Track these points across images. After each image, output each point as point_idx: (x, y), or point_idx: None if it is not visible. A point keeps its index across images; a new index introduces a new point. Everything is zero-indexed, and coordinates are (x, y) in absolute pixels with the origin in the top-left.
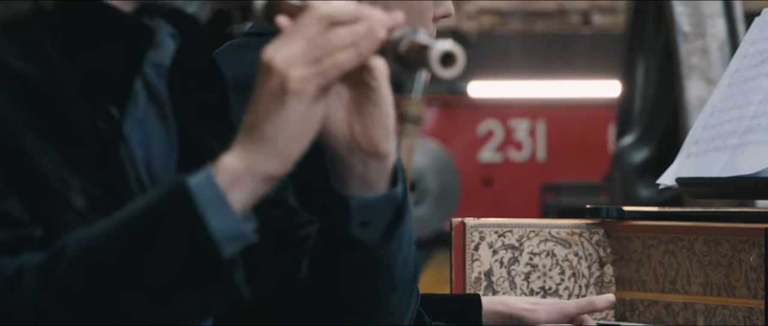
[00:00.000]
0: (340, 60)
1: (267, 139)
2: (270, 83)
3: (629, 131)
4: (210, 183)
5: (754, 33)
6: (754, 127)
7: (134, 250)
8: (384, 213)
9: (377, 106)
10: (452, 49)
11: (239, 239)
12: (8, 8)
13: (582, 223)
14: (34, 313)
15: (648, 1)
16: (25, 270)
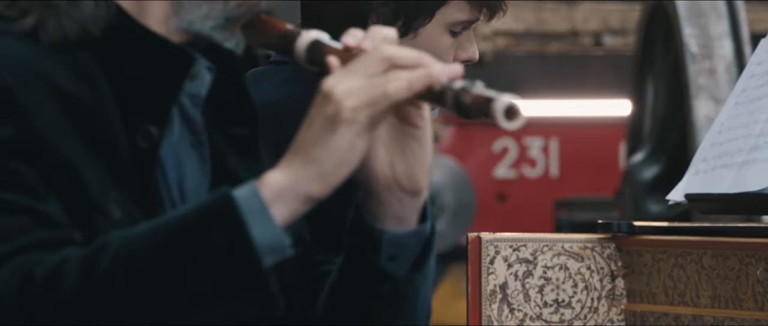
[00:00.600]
0: (392, 91)
1: (314, 161)
2: (325, 110)
3: (639, 149)
4: (254, 196)
5: (760, 54)
6: (761, 145)
7: (177, 253)
8: (412, 248)
9: (422, 144)
10: (515, 104)
11: (279, 251)
12: (59, 31)
13: (594, 238)
14: (73, 305)
15: (657, 24)
16: (68, 263)
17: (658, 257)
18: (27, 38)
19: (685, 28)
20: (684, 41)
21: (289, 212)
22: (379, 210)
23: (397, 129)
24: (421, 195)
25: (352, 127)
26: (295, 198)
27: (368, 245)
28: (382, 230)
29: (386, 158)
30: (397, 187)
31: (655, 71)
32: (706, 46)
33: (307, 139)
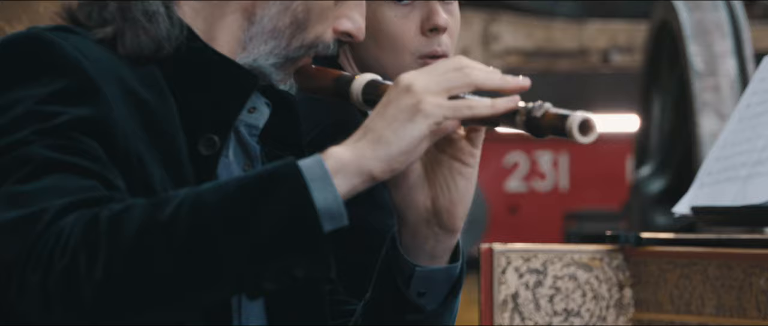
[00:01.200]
0: (475, 104)
1: (384, 143)
2: (405, 99)
3: (646, 163)
4: (318, 164)
5: (763, 71)
6: (764, 159)
7: (241, 206)
8: (441, 287)
9: (468, 181)
10: (589, 118)
11: (337, 218)
12: (135, 45)
13: (602, 249)
14: (135, 244)
15: (663, 42)
16: (134, 207)
17: (665, 267)
18: (105, 46)
19: (690, 46)
20: (689, 59)
21: (349, 185)
22: (413, 244)
23: (445, 165)
24: (456, 234)
25: (428, 119)
26: (357, 173)
27: (400, 277)
28: (414, 264)
29: (430, 192)
30: (435, 222)
31: (661, 88)
32: (710, 63)
33: (379, 123)
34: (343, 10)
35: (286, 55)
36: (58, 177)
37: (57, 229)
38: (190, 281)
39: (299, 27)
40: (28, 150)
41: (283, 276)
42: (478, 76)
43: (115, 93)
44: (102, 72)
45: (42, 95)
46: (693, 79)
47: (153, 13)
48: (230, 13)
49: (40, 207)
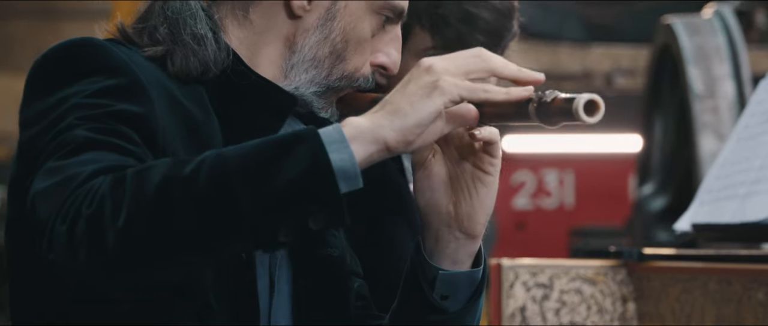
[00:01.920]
0: (491, 88)
1: (401, 115)
2: (425, 77)
3: (648, 181)
4: (337, 130)
5: (760, 93)
6: (761, 178)
7: (261, 161)
8: (464, 290)
9: (489, 189)
10: (595, 98)
11: (352, 179)
12: (184, 66)
13: (606, 264)
14: (156, 194)
15: (665, 65)
16: (160, 164)
17: (667, 282)
18: (154, 61)
19: (690, 69)
20: (689, 82)
21: (365, 151)
22: (436, 248)
23: (467, 172)
24: (477, 239)
25: (445, 96)
26: (373, 140)
27: (424, 281)
28: (438, 268)
29: (452, 197)
30: (456, 227)
31: (663, 109)
32: (710, 86)
33: (398, 97)
34: (379, 44)
35: (327, 85)
36: (97, 153)
37: (88, 187)
38: (208, 230)
39: (338, 57)
40: (73, 132)
41: (299, 228)
42: (497, 63)
43: (161, 98)
44: (150, 79)
45: (91, 90)
46: (693, 101)
47: (201, 37)
48: (272, 42)
49: (74, 172)
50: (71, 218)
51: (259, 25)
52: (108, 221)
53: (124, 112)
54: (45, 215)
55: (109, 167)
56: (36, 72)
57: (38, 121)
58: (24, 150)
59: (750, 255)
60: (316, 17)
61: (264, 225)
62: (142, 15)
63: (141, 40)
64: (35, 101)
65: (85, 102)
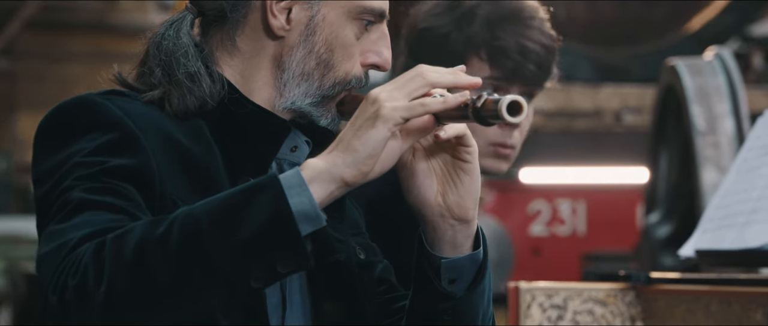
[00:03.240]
0: (428, 101)
1: (351, 150)
2: (369, 109)
3: (655, 210)
4: (296, 174)
5: (758, 129)
6: (759, 208)
7: (226, 214)
8: (468, 271)
9: (471, 175)
10: (518, 99)
11: (313, 219)
12: (181, 104)
13: (616, 287)
14: (135, 259)
15: (669, 104)
16: (136, 227)
17: (672, 303)
18: (152, 105)
19: (692, 107)
20: (692, 119)
21: (325, 191)
22: (435, 237)
23: (449, 163)
24: (471, 222)
25: (387, 124)
26: (331, 180)
27: (430, 270)
28: (440, 257)
29: (439, 189)
30: (449, 215)
31: (668, 144)
32: (711, 123)
33: (348, 133)
34: (367, 44)
35: (321, 94)
36: (89, 214)
37: (74, 256)
38: (184, 285)
39: (326, 66)
40: (71, 194)
41: (269, 273)
42: (434, 77)
43: (156, 144)
44: (144, 127)
45: (89, 149)
46: (695, 136)
47: (195, 74)
48: (263, 65)
49: (66, 239)
50: (61, 288)
51: (247, 51)
52: (92, 289)
53: (119, 167)
54: (44, 281)
55: (97, 232)
56: (41, 133)
57: (45, 180)
58: (37, 206)
59: (749, 279)
60: (297, 34)
61: (235, 275)
62: (141, 59)
63: (141, 84)
64: (42, 160)
65: (84, 160)
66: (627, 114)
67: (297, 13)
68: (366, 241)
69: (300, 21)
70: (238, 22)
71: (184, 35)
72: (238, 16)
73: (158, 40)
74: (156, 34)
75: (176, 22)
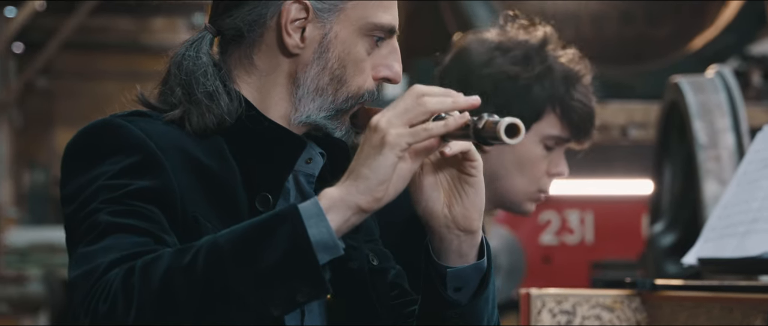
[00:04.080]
0: (430, 126)
1: (362, 178)
2: (374, 138)
3: (659, 220)
4: (314, 204)
5: (757, 144)
6: (759, 218)
7: (249, 244)
8: (473, 280)
9: (476, 188)
10: (516, 121)
11: (331, 249)
12: (200, 123)
13: (623, 294)
14: (162, 287)
15: (673, 119)
16: (163, 255)
17: (676, 309)
18: (173, 125)
19: (695, 122)
20: (694, 134)
21: (342, 219)
22: (442, 247)
23: (455, 177)
24: (476, 233)
25: (394, 149)
26: (346, 208)
27: (437, 279)
28: (446, 266)
29: (445, 201)
30: (454, 226)
31: (672, 158)
32: (712, 137)
33: (358, 162)
34: (378, 59)
35: (335, 108)
36: (116, 237)
37: (104, 281)
38: (208, 312)
39: (339, 81)
40: (97, 217)
41: (288, 302)
42: (432, 104)
43: (177, 164)
44: (165, 147)
45: (113, 171)
46: (698, 150)
47: (213, 92)
48: (279, 82)
49: (96, 264)
50: (92, 313)
51: (263, 68)
52: (121, 315)
53: (142, 189)
54: (76, 304)
55: (124, 257)
56: (68, 155)
57: (73, 201)
58: (65, 225)
59: (749, 285)
60: (311, 52)
61: (257, 303)
62: (163, 78)
63: (162, 104)
64: (69, 181)
65: (108, 183)
66: (633, 129)
67: (310, 32)
68: (379, 248)
69: (314, 39)
70: (255, 41)
71: (203, 55)
72: (254, 35)
73: (179, 59)
74: (177, 53)
75: (196, 41)
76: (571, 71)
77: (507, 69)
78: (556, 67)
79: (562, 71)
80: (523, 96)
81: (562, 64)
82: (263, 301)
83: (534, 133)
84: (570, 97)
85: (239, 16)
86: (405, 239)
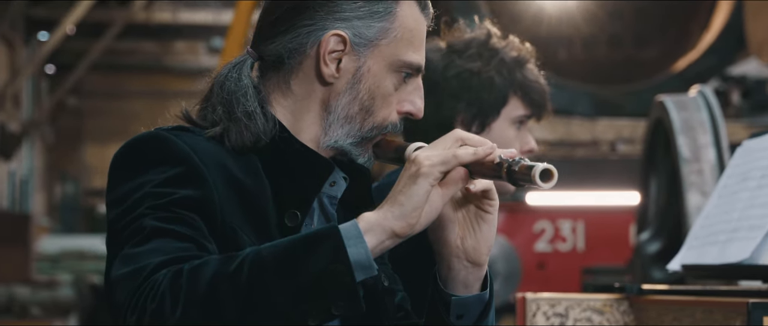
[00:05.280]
0: (460, 153)
1: (399, 204)
2: (411, 168)
3: (645, 229)
4: (353, 226)
5: (736, 158)
6: (738, 228)
7: (291, 259)
8: (475, 309)
9: (489, 225)
10: (550, 167)
11: (367, 269)
12: (239, 140)
13: (612, 297)
14: (207, 291)
15: (658, 135)
16: (210, 261)
17: (661, 312)
18: (214, 140)
19: (679, 138)
20: (678, 149)
21: (377, 241)
22: (449, 276)
23: (472, 212)
24: (482, 266)
25: (428, 179)
26: (382, 231)
27: (442, 305)
28: (451, 294)
29: (459, 233)
30: (464, 257)
31: (657, 171)
32: (695, 152)
33: (396, 190)
34: (404, 94)
35: (361, 135)
36: (161, 241)
37: (152, 281)
38: (250, 318)
39: (367, 112)
40: (143, 221)
41: (324, 313)
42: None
43: (217, 177)
44: (207, 161)
45: (159, 180)
46: (681, 164)
47: (251, 113)
48: (312, 107)
49: (143, 264)
50: (139, 311)
51: (299, 94)
52: (168, 314)
53: (186, 198)
54: (120, 302)
55: (169, 260)
56: (116, 163)
57: (119, 205)
58: (109, 227)
59: (729, 290)
60: (344, 82)
61: (295, 313)
62: (205, 95)
63: (203, 120)
64: (117, 187)
65: (154, 191)
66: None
67: (346, 63)
68: (389, 271)
69: (348, 70)
70: (293, 68)
71: (245, 77)
72: (293, 62)
73: (222, 80)
74: (220, 74)
75: (238, 64)
76: (520, 56)
77: (469, 67)
78: (506, 55)
79: (513, 58)
80: (488, 87)
81: (510, 52)
82: (301, 312)
83: (504, 118)
84: (526, 79)
85: (282, 43)
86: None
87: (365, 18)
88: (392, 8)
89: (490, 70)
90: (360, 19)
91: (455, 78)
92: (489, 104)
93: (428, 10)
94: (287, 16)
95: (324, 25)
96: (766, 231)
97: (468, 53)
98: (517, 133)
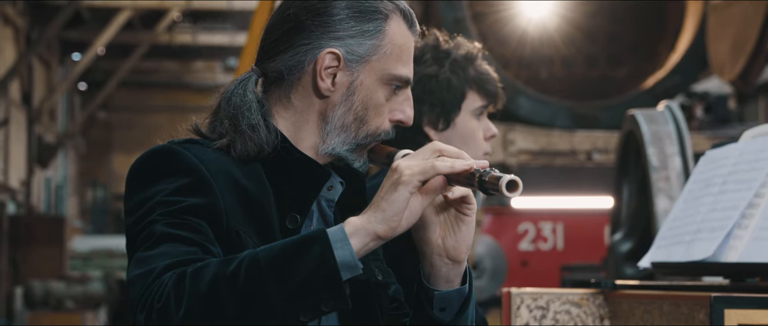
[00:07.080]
0: (438, 164)
1: (381, 210)
2: (393, 177)
3: (618, 230)
4: (340, 229)
5: (700, 166)
6: (702, 229)
7: (284, 260)
8: (456, 302)
9: (468, 226)
10: (516, 179)
11: (353, 269)
12: (244, 150)
13: (588, 292)
14: (209, 292)
15: (630, 145)
16: (211, 263)
17: (633, 305)
18: (221, 151)
19: (648, 148)
20: (648, 158)
21: (362, 244)
22: (432, 273)
23: (452, 215)
24: (462, 263)
25: (407, 187)
26: (366, 234)
27: (425, 299)
28: (434, 289)
29: (440, 233)
30: (445, 255)
31: (629, 178)
32: (663, 161)
33: (379, 196)
34: (395, 104)
35: (356, 143)
36: (170, 245)
37: (159, 282)
38: (247, 316)
39: (361, 121)
40: (154, 227)
41: (315, 311)
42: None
43: (223, 186)
44: (214, 171)
45: (169, 190)
46: (650, 172)
47: (255, 125)
48: (311, 118)
49: (152, 266)
50: (148, 309)
51: (299, 106)
52: (172, 313)
53: (193, 205)
54: (133, 300)
55: (176, 263)
56: (131, 174)
57: (135, 212)
58: (127, 232)
59: (694, 285)
60: (340, 95)
61: (288, 311)
62: (214, 110)
63: (212, 133)
64: (133, 196)
65: (165, 199)
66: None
67: (341, 78)
68: (383, 266)
69: (343, 84)
70: (293, 83)
71: (249, 92)
72: (293, 78)
73: (228, 95)
74: (227, 89)
75: (244, 80)
76: (468, 53)
77: (427, 72)
78: (456, 55)
79: (463, 56)
80: (447, 88)
81: (459, 50)
82: (293, 309)
83: (465, 111)
84: (478, 73)
85: (282, 61)
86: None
87: (357, 36)
88: (382, 27)
89: (445, 72)
90: (352, 37)
91: (416, 84)
92: (450, 102)
93: (416, 28)
94: (287, 36)
95: (320, 44)
96: (726, 232)
97: (423, 59)
98: (479, 122)
